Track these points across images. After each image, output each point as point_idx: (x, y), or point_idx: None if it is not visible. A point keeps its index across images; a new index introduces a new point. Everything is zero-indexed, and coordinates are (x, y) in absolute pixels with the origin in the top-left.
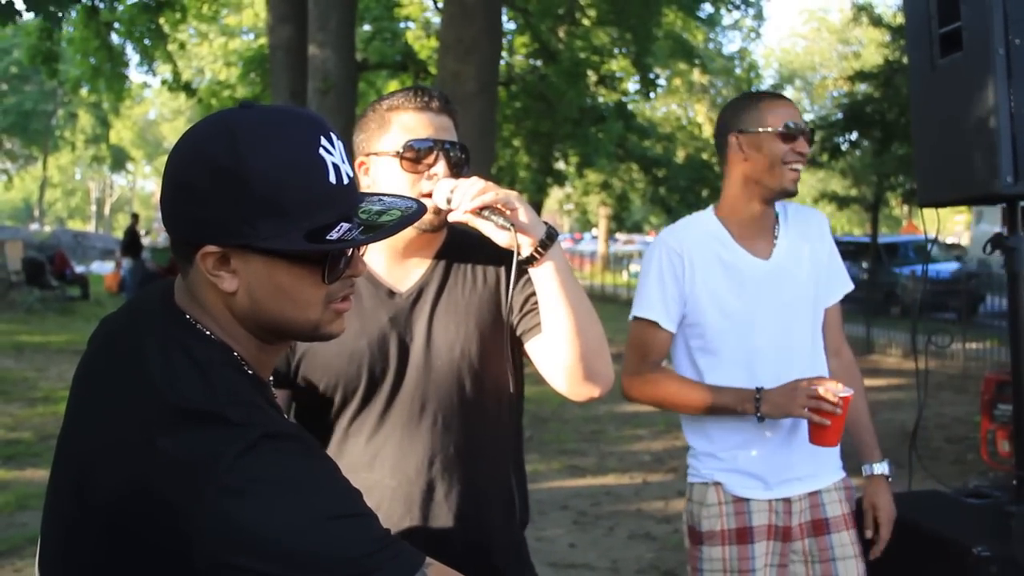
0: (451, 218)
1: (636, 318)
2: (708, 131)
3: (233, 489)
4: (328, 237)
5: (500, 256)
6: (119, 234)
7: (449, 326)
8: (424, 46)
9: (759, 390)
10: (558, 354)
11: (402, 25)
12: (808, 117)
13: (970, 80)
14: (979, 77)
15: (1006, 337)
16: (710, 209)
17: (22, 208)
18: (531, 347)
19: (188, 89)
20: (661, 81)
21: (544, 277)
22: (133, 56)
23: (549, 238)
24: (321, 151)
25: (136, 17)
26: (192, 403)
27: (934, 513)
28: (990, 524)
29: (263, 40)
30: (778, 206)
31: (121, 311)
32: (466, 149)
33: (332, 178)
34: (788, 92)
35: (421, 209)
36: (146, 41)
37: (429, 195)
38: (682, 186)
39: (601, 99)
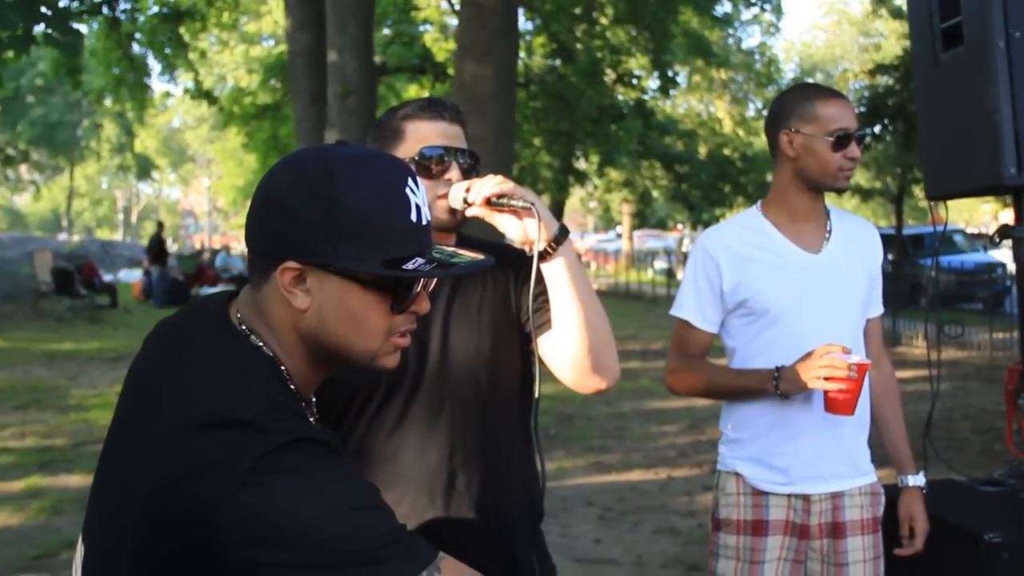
0: (469, 213)
1: (682, 320)
2: (729, 127)
3: (252, 483)
4: (404, 267)
5: (507, 259)
6: (146, 242)
7: (463, 327)
8: (442, 48)
9: (778, 369)
10: (568, 348)
11: (420, 28)
12: None
13: (972, 74)
14: (981, 71)
15: None
16: (756, 206)
17: (50, 218)
18: (541, 342)
19: (210, 97)
20: (681, 78)
21: (556, 272)
22: (155, 65)
23: (562, 234)
24: (407, 190)
25: (157, 27)
26: (231, 410)
27: (947, 501)
28: (1004, 511)
29: (283, 46)
30: (830, 209)
31: (176, 316)
32: (476, 156)
33: (414, 216)
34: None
35: (490, 261)
36: (167, 50)
37: (444, 196)
38: (704, 182)
39: (621, 97)
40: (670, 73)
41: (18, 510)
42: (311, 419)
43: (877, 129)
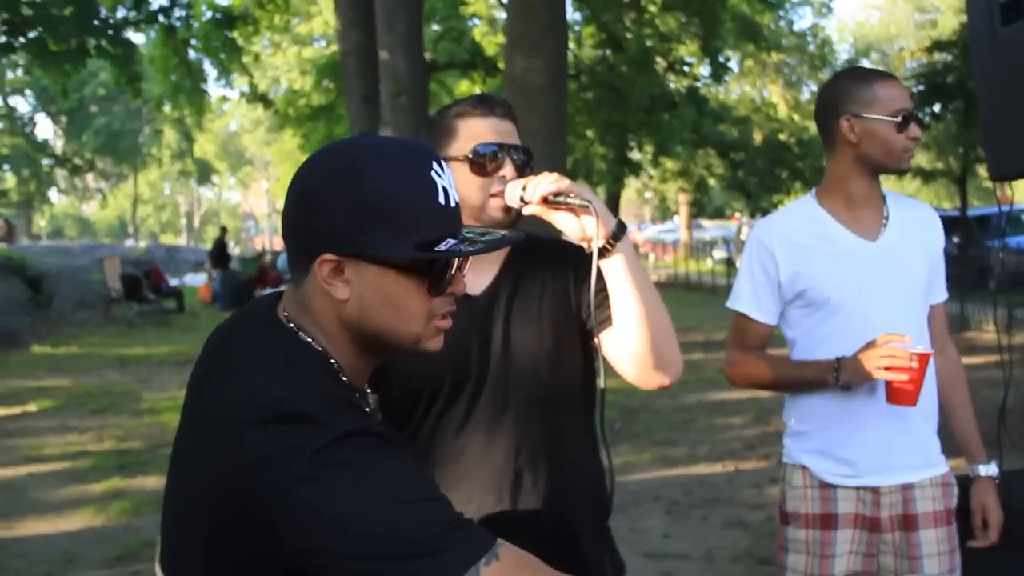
0: (526, 211)
1: (740, 313)
2: (784, 112)
3: (309, 477)
4: (436, 249)
5: (566, 256)
6: (209, 245)
7: (525, 326)
8: (491, 43)
9: (838, 360)
10: (630, 344)
11: (468, 23)
12: None
13: None
14: None
15: None
16: (810, 195)
17: (117, 225)
18: (603, 339)
19: (265, 100)
20: (733, 64)
21: (615, 269)
22: (211, 71)
23: (620, 230)
24: (433, 174)
25: (211, 32)
26: (285, 405)
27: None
28: None
29: (335, 47)
30: (886, 194)
31: (231, 319)
32: (530, 152)
33: (442, 199)
34: (864, 64)
35: (521, 235)
36: (222, 55)
37: (498, 195)
38: (760, 169)
39: (673, 85)
40: (721, 59)
41: (100, 511)
42: (366, 410)
43: (937, 108)
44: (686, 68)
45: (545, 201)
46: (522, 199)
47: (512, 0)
